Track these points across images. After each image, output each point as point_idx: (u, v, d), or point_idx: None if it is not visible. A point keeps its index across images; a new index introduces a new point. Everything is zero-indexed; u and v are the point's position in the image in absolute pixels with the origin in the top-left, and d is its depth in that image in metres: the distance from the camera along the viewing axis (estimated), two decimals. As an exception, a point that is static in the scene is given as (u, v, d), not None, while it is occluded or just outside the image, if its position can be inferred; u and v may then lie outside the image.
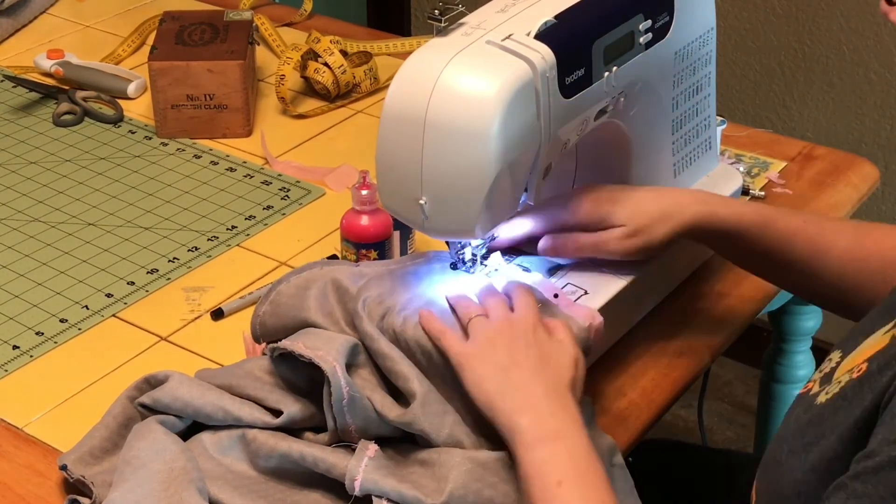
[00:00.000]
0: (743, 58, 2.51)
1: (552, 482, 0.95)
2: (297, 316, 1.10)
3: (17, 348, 1.25)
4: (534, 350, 1.02)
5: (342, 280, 1.11)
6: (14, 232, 1.44)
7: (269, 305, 1.13)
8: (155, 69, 1.58)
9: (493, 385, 1.00)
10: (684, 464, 1.50)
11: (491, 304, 1.07)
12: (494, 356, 1.02)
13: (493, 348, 1.02)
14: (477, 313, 1.06)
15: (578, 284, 1.18)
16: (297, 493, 1.04)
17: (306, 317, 1.10)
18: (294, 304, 1.11)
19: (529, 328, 1.04)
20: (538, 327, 1.05)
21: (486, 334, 1.03)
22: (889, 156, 2.42)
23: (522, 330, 1.04)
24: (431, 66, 1.03)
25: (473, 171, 1.03)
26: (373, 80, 1.73)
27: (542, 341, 1.04)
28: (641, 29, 1.15)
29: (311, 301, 1.10)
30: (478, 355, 1.02)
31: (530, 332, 1.04)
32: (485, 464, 1.00)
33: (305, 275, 1.13)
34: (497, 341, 1.03)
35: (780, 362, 1.72)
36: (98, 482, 1.04)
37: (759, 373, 1.78)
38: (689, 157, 1.33)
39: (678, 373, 1.24)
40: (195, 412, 1.06)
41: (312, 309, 1.10)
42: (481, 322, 1.05)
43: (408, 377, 1.02)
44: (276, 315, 1.12)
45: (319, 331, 1.08)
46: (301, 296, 1.11)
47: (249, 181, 1.54)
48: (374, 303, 1.08)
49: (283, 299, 1.12)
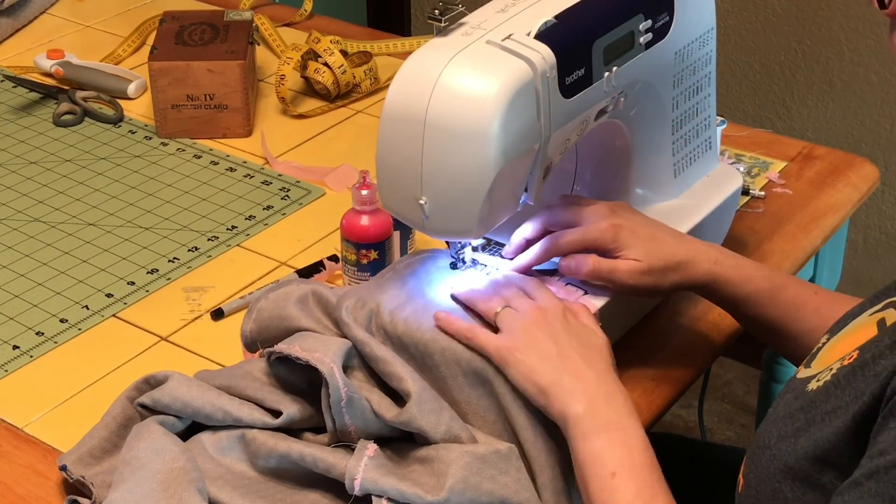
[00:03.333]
0: (743, 58, 2.51)
1: (607, 473, 0.96)
2: (288, 327, 1.11)
3: (17, 348, 1.25)
4: (574, 337, 1.03)
5: (321, 291, 1.12)
6: (14, 232, 1.44)
7: (254, 323, 1.14)
8: (155, 69, 1.58)
9: (547, 375, 1.01)
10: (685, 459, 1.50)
11: (511, 295, 1.07)
12: (539, 346, 1.02)
13: (535, 338, 1.02)
14: (502, 305, 1.06)
15: (578, 284, 1.18)
16: (297, 494, 1.04)
17: (295, 325, 1.11)
18: (279, 316, 1.12)
19: (560, 314, 1.05)
20: (567, 313, 1.05)
21: (522, 325, 1.03)
22: (889, 156, 2.42)
23: (556, 316, 1.04)
24: (431, 66, 1.03)
25: (473, 171, 1.03)
26: (373, 80, 1.74)
27: (577, 327, 1.05)
28: (641, 29, 1.15)
29: (293, 311, 1.11)
30: (521, 347, 1.02)
31: (563, 318, 1.04)
32: (483, 457, 1.00)
33: (283, 290, 1.14)
34: (535, 331, 1.03)
35: (781, 362, 1.71)
36: (98, 482, 1.04)
37: (759, 373, 1.78)
38: (690, 157, 1.33)
39: (678, 373, 1.24)
40: (194, 412, 1.06)
41: (299, 318, 1.11)
42: (511, 314, 1.05)
43: (402, 377, 1.03)
44: (264, 330, 1.13)
45: (314, 334, 1.09)
46: (282, 307, 1.12)
47: (249, 181, 1.54)
48: (356, 308, 1.09)
49: (265, 314, 1.13)
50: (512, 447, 1.03)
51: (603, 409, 0.99)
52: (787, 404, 0.92)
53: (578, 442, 0.98)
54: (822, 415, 0.87)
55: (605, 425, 0.98)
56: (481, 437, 1.04)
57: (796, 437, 0.88)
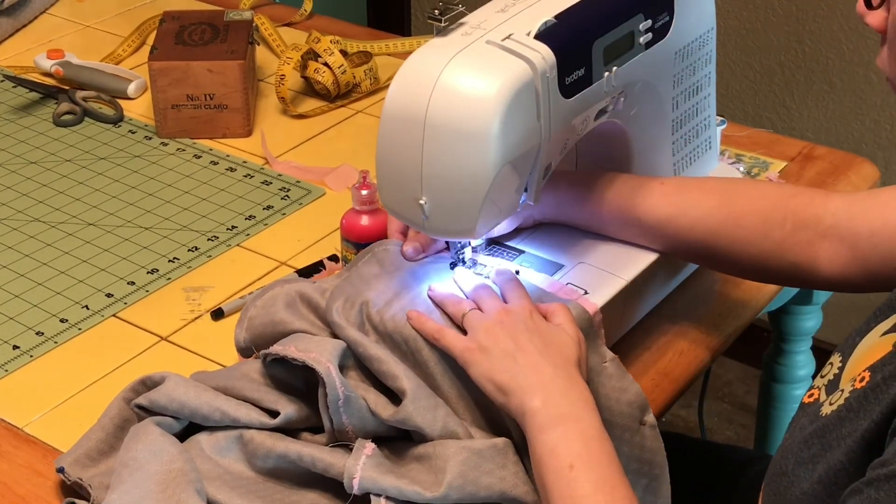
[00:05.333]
0: (743, 58, 2.51)
1: (564, 465, 0.96)
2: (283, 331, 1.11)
3: (17, 348, 1.25)
4: (536, 335, 1.03)
5: (307, 292, 1.12)
6: (14, 232, 1.44)
7: (247, 332, 1.14)
8: (155, 69, 1.58)
9: (503, 372, 1.01)
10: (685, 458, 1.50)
11: (483, 297, 1.07)
12: (499, 345, 1.02)
13: (496, 338, 1.03)
14: (469, 308, 1.06)
15: (578, 284, 1.18)
16: (295, 493, 1.04)
17: (290, 328, 1.11)
18: (271, 322, 1.12)
19: (526, 315, 1.05)
20: (534, 314, 1.06)
21: (484, 326, 1.04)
22: (889, 156, 2.42)
23: (520, 318, 1.04)
24: (431, 66, 1.03)
25: (473, 171, 1.03)
26: (373, 80, 1.73)
27: (542, 326, 1.05)
28: (641, 29, 1.15)
29: (285, 315, 1.11)
30: (482, 348, 1.03)
31: (528, 319, 1.05)
32: (480, 452, 1.00)
33: (268, 295, 1.14)
34: (497, 331, 1.03)
35: (780, 362, 1.72)
36: (95, 484, 1.04)
37: (759, 373, 1.78)
38: (689, 157, 1.33)
39: (678, 373, 1.24)
40: (192, 413, 1.06)
41: (292, 321, 1.11)
42: (477, 315, 1.05)
43: (396, 376, 1.03)
44: (258, 337, 1.13)
45: (309, 335, 1.09)
46: (273, 313, 1.12)
47: (249, 181, 1.54)
48: (346, 308, 1.09)
49: (257, 322, 1.13)
50: (508, 441, 1.03)
51: (559, 402, 0.99)
52: (802, 429, 0.92)
53: (535, 435, 0.98)
54: (838, 440, 0.87)
55: (561, 417, 0.98)
56: (477, 432, 1.04)
57: (813, 464, 0.88)
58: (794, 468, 0.89)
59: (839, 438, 0.86)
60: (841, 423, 0.87)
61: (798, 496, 0.88)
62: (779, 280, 1.22)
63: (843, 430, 0.87)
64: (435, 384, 1.06)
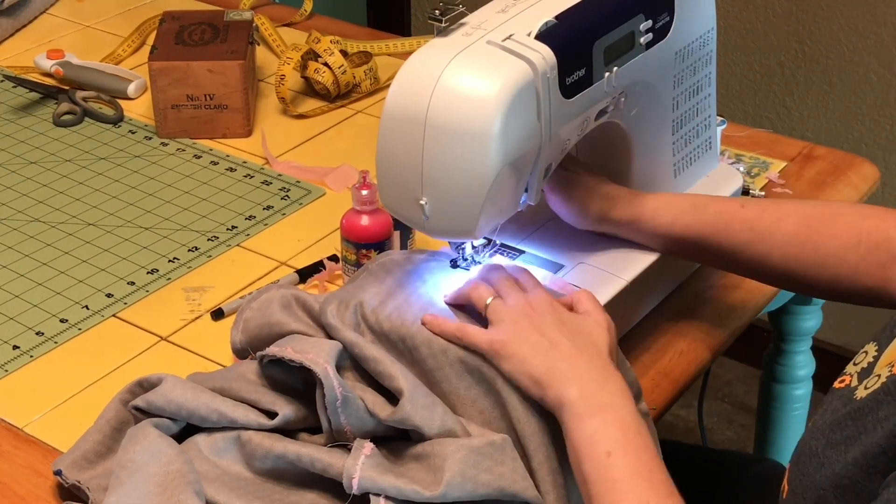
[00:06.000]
0: (743, 58, 2.51)
1: (602, 452, 0.96)
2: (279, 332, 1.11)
3: (17, 348, 1.25)
4: (563, 325, 1.04)
5: (302, 296, 1.12)
6: (14, 232, 1.44)
7: (243, 334, 1.14)
8: (155, 69, 1.58)
9: (540, 365, 1.01)
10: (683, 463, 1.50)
11: (502, 286, 1.07)
12: (529, 338, 1.03)
13: (525, 330, 1.03)
14: (490, 296, 1.06)
15: (579, 284, 1.18)
16: (294, 494, 1.04)
17: (286, 330, 1.11)
18: (267, 323, 1.12)
19: (548, 304, 1.05)
20: (554, 302, 1.06)
21: (511, 318, 1.04)
22: (889, 156, 2.42)
23: (545, 308, 1.05)
24: (432, 66, 1.03)
25: (474, 171, 1.03)
26: (373, 80, 1.73)
27: (566, 317, 1.05)
28: (642, 29, 1.15)
29: (281, 316, 1.11)
30: (512, 340, 1.03)
31: (551, 309, 1.05)
32: (478, 449, 1.00)
33: (264, 297, 1.14)
34: (524, 322, 1.04)
35: (780, 362, 1.72)
36: (93, 486, 1.04)
37: (759, 373, 1.78)
38: (690, 158, 1.33)
39: (678, 373, 1.24)
40: (189, 414, 1.06)
41: (288, 322, 1.11)
42: (500, 305, 1.05)
43: (393, 376, 1.03)
44: (254, 339, 1.13)
45: (305, 336, 1.09)
46: (269, 314, 1.12)
47: (249, 181, 1.54)
48: (341, 310, 1.09)
49: (253, 324, 1.13)
50: (506, 438, 1.03)
51: (596, 392, 1.00)
52: (834, 411, 0.92)
53: (573, 424, 0.99)
54: (874, 423, 0.86)
55: (599, 407, 0.99)
56: (475, 429, 1.04)
57: (847, 445, 0.88)
58: (824, 449, 0.89)
59: (876, 421, 0.86)
60: (878, 405, 0.87)
61: (829, 476, 0.88)
62: (851, 300, 1.21)
63: (881, 412, 0.86)
64: (432, 382, 1.06)
